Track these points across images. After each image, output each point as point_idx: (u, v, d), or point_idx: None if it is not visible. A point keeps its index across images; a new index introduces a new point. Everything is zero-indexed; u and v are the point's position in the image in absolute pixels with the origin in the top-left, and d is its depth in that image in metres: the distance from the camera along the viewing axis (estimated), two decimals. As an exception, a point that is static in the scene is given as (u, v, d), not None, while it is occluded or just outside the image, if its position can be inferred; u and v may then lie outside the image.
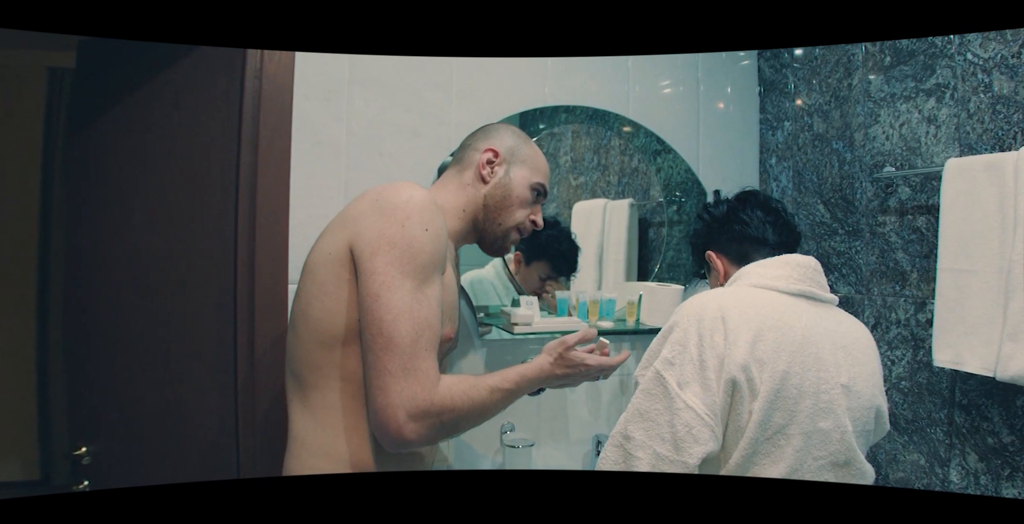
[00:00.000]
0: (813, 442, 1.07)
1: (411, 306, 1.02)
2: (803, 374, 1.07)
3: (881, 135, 1.70)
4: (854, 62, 1.79)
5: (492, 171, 1.33)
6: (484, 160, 1.32)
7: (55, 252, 3.22)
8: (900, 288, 1.64)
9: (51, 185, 3.23)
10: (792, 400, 1.06)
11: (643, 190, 2.06)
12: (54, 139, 3.24)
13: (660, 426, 1.05)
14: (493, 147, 1.34)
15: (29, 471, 3.26)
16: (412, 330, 1.01)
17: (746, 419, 1.06)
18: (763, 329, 1.08)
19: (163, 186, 1.62)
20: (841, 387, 1.10)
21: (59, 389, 3.21)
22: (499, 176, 1.33)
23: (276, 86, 1.57)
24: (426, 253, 1.05)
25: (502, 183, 1.33)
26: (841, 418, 1.09)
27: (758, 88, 2.16)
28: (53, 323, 3.23)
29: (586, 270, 1.97)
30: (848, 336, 1.18)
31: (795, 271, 1.20)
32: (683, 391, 1.05)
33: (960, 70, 1.50)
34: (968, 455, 1.48)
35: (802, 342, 1.09)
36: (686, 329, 1.11)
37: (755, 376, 1.05)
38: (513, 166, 1.34)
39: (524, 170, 1.35)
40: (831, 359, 1.11)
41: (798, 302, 1.17)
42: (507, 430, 1.81)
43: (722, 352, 1.06)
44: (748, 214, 1.32)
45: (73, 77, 2.13)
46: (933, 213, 1.54)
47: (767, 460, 1.07)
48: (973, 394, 1.47)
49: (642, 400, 1.09)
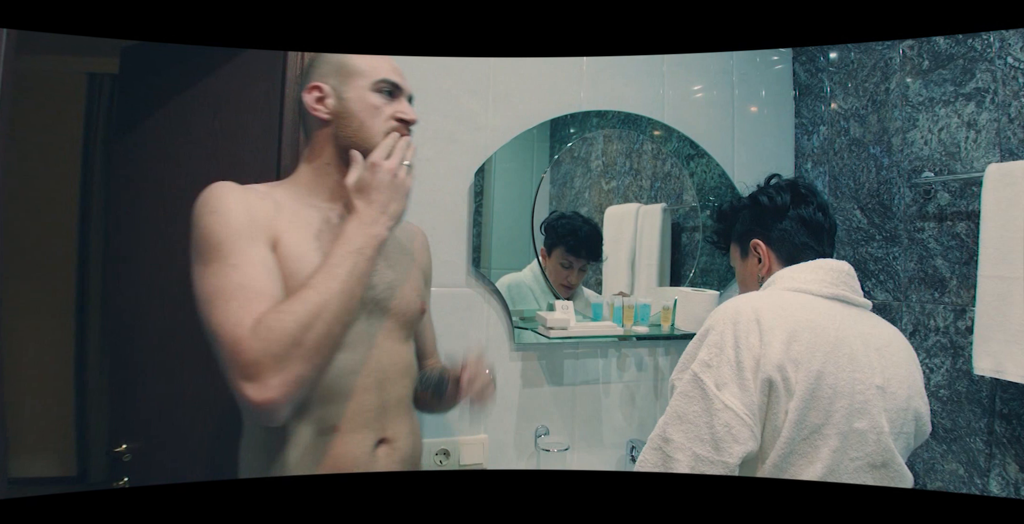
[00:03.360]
0: (849, 442, 1.08)
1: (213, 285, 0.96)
2: (837, 374, 1.08)
3: (919, 140, 1.68)
4: (891, 66, 1.78)
5: (325, 105, 1.15)
6: (312, 100, 1.15)
7: (93, 254, 3.29)
8: (939, 295, 1.63)
9: (90, 188, 3.30)
10: (827, 400, 1.06)
11: (676, 194, 2.05)
12: (93, 143, 3.31)
13: (699, 428, 1.06)
14: (313, 82, 1.16)
15: (67, 468, 3.32)
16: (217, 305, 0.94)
17: (782, 419, 1.06)
18: (797, 330, 1.09)
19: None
20: (876, 388, 1.11)
21: (96, 387, 3.28)
22: (332, 106, 1.15)
23: (316, 92, 1.59)
24: (217, 232, 0.99)
25: (340, 110, 1.15)
26: (877, 419, 1.10)
27: (793, 92, 2.15)
28: (91, 323, 3.30)
29: (619, 274, 1.97)
30: (882, 338, 1.18)
31: (828, 275, 1.21)
32: (721, 392, 1.06)
33: (1000, 74, 1.48)
34: (1008, 465, 1.46)
35: (836, 343, 1.10)
36: (722, 332, 1.11)
37: (790, 376, 1.06)
38: (343, 86, 1.15)
39: (357, 80, 1.16)
40: (865, 360, 1.12)
41: (832, 305, 1.18)
42: (542, 434, 1.81)
43: (758, 353, 1.07)
44: (809, 214, 1.29)
45: (117, 82, 2.17)
46: (973, 219, 1.52)
47: (804, 460, 1.07)
48: (1014, 403, 1.45)
49: (680, 403, 1.10)
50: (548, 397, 1.86)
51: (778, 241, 1.30)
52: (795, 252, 1.28)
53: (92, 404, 3.30)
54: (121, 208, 1.82)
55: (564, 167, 1.94)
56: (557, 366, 1.88)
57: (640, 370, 1.96)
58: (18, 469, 3.09)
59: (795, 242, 1.28)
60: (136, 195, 1.76)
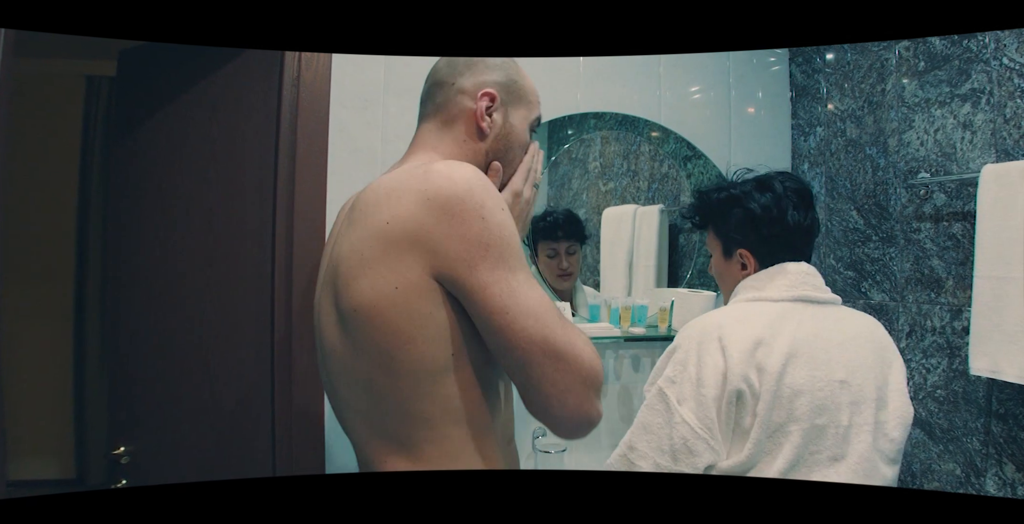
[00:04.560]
0: (810, 437, 1.14)
1: (539, 298, 0.87)
2: (795, 374, 1.14)
3: (915, 141, 1.69)
4: (887, 67, 1.78)
5: (492, 121, 1.04)
6: (482, 109, 1.03)
7: (92, 257, 3.29)
8: (935, 296, 1.63)
9: (88, 191, 3.30)
10: (788, 399, 1.13)
11: (673, 196, 2.06)
12: (91, 146, 3.31)
13: (660, 439, 1.15)
14: (488, 90, 1.04)
15: (65, 470, 3.32)
16: (556, 320, 0.87)
17: (750, 422, 1.14)
18: (757, 339, 1.16)
19: (202, 192, 1.66)
20: (838, 383, 1.16)
21: (94, 390, 3.28)
22: (499, 125, 1.05)
23: (313, 94, 1.60)
24: (515, 235, 0.89)
25: (503, 133, 1.06)
26: (836, 414, 1.15)
27: (790, 93, 2.15)
28: (90, 326, 3.29)
29: (616, 276, 1.98)
30: (846, 333, 1.23)
31: (786, 279, 1.26)
32: (681, 407, 1.15)
33: (996, 75, 1.48)
34: (1005, 465, 1.46)
35: (793, 344, 1.16)
36: (687, 350, 1.20)
37: (755, 382, 1.13)
38: (511, 106, 1.07)
39: (522, 108, 1.09)
40: (824, 357, 1.17)
41: (793, 307, 1.23)
42: (539, 435, 1.82)
43: (722, 368, 1.14)
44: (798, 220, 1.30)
45: (114, 85, 2.17)
46: (969, 219, 1.53)
47: (768, 457, 1.14)
48: (1010, 403, 1.46)
49: (646, 414, 1.19)
50: (546, 398, 1.86)
51: (767, 254, 1.32)
52: (777, 258, 1.31)
53: (90, 407, 3.29)
54: (119, 211, 1.83)
55: (562, 168, 1.94)
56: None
57: (637, 371, 1.96)
58: (16, 472, 3.09)
59: (781, 255, 1.31)
60: (134, 197, 1.77)
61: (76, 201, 3.30)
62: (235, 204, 1.63)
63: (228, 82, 1.66)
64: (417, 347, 0.88)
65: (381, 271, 0.87)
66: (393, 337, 0.87)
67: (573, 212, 1.96)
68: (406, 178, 0.89)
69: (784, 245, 1.31)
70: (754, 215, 1.31)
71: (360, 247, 0.89)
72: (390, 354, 0.88)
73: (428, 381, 0.89)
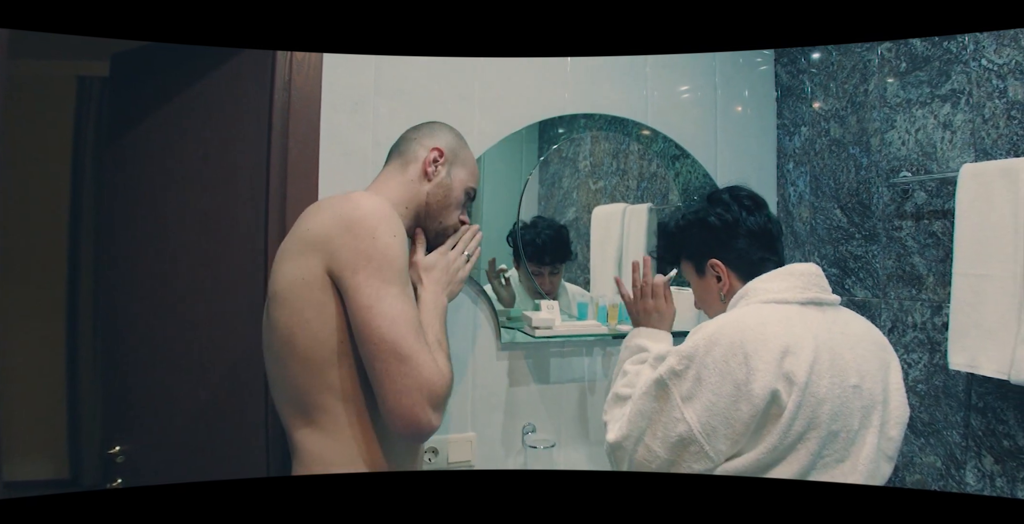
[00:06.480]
0: (824, 443, 1.11)
1: (402, 309, 1.09)
2: (819, 381, 1.10)
3: (897, 140, 1.72)
4: (870, 68, 1.81)
5: (436, 170, 1.35)
6: (431, 158, 1.35)
7: (84, 257, 3.29)
8: (916, 292, 1.66)
9: (80, 191, 3.31)
10: (811, 408, 1.09)
11: (662, 194, 2.08)
12: (83, 147, 3.31)
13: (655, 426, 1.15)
14: (439, 146, 1.37)
15: (60, 470, 3.33)
16: (410, 330, 1.08)
17: (768, 429, 1.09)
18: (784, 348, 1.10)
19: (195, 194, 1.67)
20: (852, 388, 1.13)
21: (88, 390, 3.28)
22: (441, 176, 1.36)
23: (304, 97, 1.61)
24: (399, 258, 1.12)
25: (444, 183, 1.36)
26: (848, 419, 1.12)
27: (775, 93, 2.18)
28: (83, 326, 3.30)
29: (606, 273, 2.00)
30: (855, 336, 1.21)
31: (799, 280, 1.23)
32: (685, 405, 1.12)
33: (975, 76, 1.51)
34: (984, 457, 1.50)
35: (816, 350, 1.12)
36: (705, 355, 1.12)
37: (783, 395, 1.08)
38: (454, 167, 1.38)
39: (463, 173, 1.40)
40: (841, 363, 1.14)
41: (808, 311, 1.20)
42: (528, 431, 1.84)
43: (744, 378, 1.08)
44: (759, 225, 1.32)
45: (107, 86, 2.18)
46: (949, 218, 1.56)
47: (782, 463, 1.10)
48: (989, 397, 1.49)
49: (644, 401, 1.18)
50: (535, 395, 1.89)
51: (736, 260, 1.32)
52: (754, 268, 1.30)
53: (85, 406, 3.30)
54: (112, 211, 1.83)
55: (552, 167, 1.96)
56: (543, 365, 1.91)
57: (627, 368, 1.98)
58: (11, 472, 3.08)
59: (752, 258, 1.31)
60: (126, 198, 1.78)
61: (68, 202, 3.30)
62: (227, 205, 1.64)
63: (220, 85, 1.67)
64: (312, 328, 1.10)
65: (295, 264, 1.12)
66: (296, 317, 1.11)
67: (564, 232, 1.97)
68: (333, 201, 1.16)
69: (749, 248, 1.31)
70: (712, 226, 1.34)
71: (287, 245, 1.16)
72: (292, 331, 1.12)
73: (320, 361, 1.11)
